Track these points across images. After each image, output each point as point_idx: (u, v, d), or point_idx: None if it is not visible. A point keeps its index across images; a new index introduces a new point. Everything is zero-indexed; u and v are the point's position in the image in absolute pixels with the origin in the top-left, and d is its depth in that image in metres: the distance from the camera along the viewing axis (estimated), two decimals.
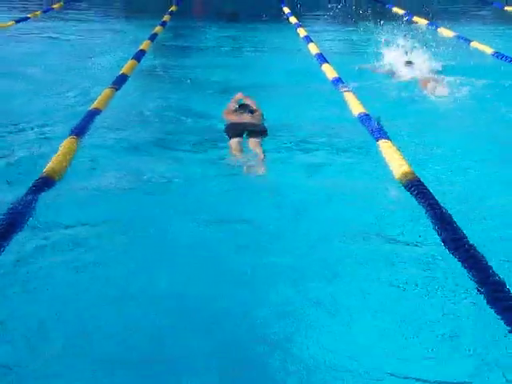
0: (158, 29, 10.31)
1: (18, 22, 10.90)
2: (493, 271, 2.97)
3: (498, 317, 2.66)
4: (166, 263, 3.23)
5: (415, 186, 3.85)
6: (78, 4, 14.56)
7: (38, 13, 12.13)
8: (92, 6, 14.46)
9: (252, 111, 5.40)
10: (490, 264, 3.02)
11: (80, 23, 11.82)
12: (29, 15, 11.72)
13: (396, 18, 12.23)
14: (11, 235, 3.32)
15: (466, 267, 3.07)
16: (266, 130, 5.10)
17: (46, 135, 5.16)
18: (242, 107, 5.46)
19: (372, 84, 6.90)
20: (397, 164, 4.23)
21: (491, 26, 11.94)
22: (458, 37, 9.64)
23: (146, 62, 7.89)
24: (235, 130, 5.02)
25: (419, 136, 5.17)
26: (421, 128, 5.40)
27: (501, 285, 2.84)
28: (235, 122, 5.20)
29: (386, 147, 4.58)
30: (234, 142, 4.89)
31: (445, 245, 3.29)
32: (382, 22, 10.81)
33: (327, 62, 7.58)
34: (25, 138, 5.08)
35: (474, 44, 8.94)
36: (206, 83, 6.85)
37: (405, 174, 4.05)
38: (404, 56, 7.76)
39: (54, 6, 13.20)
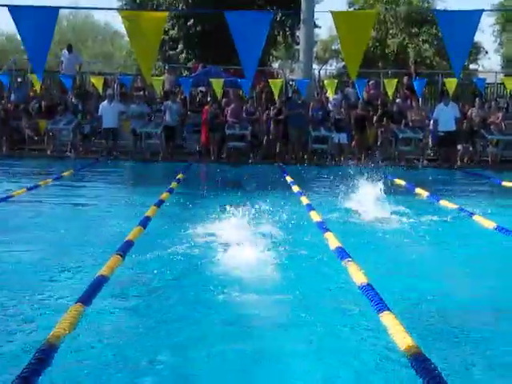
0: (164, 195, 10.53)
1: (29, 189, 11.21)
2: None
3: None
4: None
5: (419, 362, 3.76)
6: (87, 171, 15.11)
7: (49, 180, 12.52)
8: (102, 174, 15.01)
9: None
10: None
11: (88, 190, 12.17)
12: (40, 183, 12.08)
13: (398, 189, 12.58)
14: None
15: None
16: None
17: (52, 302, 5.14)
18: None
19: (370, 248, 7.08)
20: (400, 337, 4.16)
21: (490, 199, 12.22)
22: (460, 209, 9.80)
23: (151, 228, 7.98)
24: None
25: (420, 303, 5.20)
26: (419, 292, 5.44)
27: None
28: None
29: (388, 319, 4.52)
30: None
31: None
32: (382, 191, 11.12)
33: (329, 231, 7.68)
34: (29, 305, 5.06)
35: (477, 218, 9.08)
36: (207, 257, 6.89)
37: (409, 348, 3.97)
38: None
39: (64, 174, 13.64)
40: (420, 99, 20.36)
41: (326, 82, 21.06)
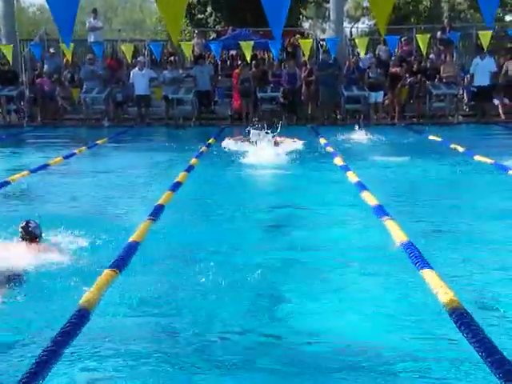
0: (194, 161, 10.51)
1: (65, 157, 11.39)
2: None
3: None
4: None
5: (460, 316, 3.72)
6: (121, 138, 15.19)
7: (83, 148, 12.62)
8: (135, 140, 15.05)
9: None
10: None
11: (121, 156, 12.25)
12: (75, 151, 12.19)
13: (434, 145, 12.40)
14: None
15: None
16: None
17: (86, 267, 5.18)
18: None
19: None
20: (442, 293, 4.11)
21: None
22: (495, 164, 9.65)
23: (181, 193, 7.99)
24: None
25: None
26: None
27: None
28: None
29: (429, 276, 4.47)
30: None
31: None
32: (419, 149, 11.00)
33: (367, 190, 7.61)
34: (65, 270, 5.10)
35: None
36: (240, 216, 6.91)
37: (450, 303, 3.93)
38: None
39: (99, 142, 13.75)
40: (454, 53, 19.91)
41: (357, 40, 20.69)
